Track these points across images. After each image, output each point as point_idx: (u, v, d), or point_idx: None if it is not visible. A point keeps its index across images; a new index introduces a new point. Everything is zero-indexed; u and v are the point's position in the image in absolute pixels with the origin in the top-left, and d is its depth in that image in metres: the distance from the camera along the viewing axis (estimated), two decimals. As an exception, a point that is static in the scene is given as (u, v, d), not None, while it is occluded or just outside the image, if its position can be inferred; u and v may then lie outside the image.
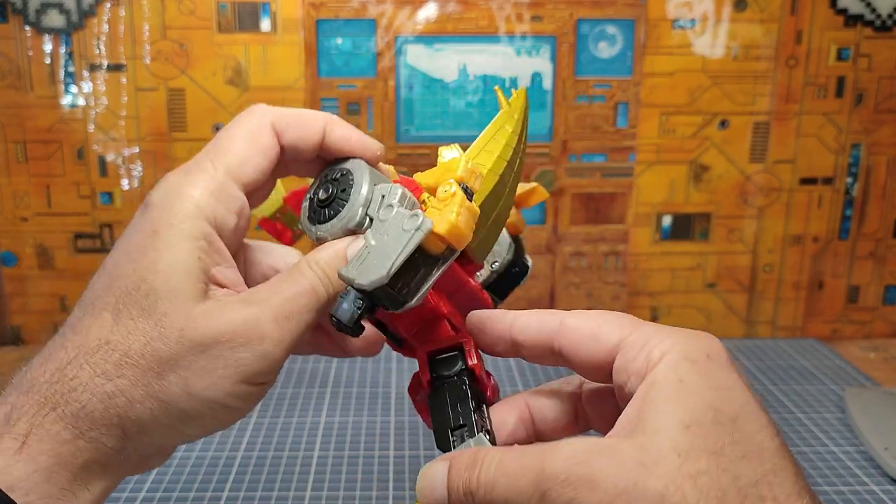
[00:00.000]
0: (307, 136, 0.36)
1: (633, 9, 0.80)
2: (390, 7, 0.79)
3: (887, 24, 0.81)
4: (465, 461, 0.30)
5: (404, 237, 0.31)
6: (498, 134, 0.37)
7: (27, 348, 0.85)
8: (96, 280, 0.33)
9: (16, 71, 0.79)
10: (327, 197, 0.35)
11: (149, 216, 0.33)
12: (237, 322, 0.31)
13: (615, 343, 0.31)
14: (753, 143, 0.84)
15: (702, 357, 0.30)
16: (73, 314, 0.33)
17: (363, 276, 0.31)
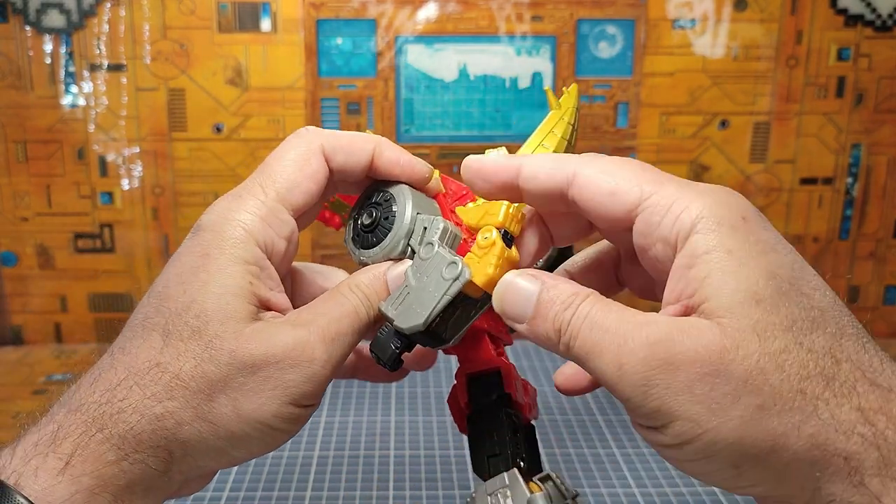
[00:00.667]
0: (356, 160, 0.36)
1: (633, 9, 0.80)
2: (390, 7, 0.79)
3: (887, 24, 0.81)
4: (563, 298, 0.30)
5: (443, 286, 0.32)
6: (547, 139, 0.38)
7: (27, 348, 0.85)
8: (146, 302, 0.33)
9: (16, 71, 0.79)
10: (371, 222, 0.36)
11: (199, 239, 0.33)
12: (287, 344, 0.32)
13: (634, 202, 0.30)
14: (754, 143, 0.84)
15: (738, 220, 0.29)
16: (123, 335, 0.33)
17: (402, 320, 0.33)
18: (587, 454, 0.62)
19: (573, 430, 0.66)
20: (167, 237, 0.83)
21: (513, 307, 0.32)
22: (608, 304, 0.30)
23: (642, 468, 0.60)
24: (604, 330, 0.28)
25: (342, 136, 0.36)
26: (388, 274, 0.35)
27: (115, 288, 0.85)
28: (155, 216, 0.83)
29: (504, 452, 0.36)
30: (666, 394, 0.27)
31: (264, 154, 0.81)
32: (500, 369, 0.37)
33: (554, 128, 0.38)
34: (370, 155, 0.36)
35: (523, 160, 0.33)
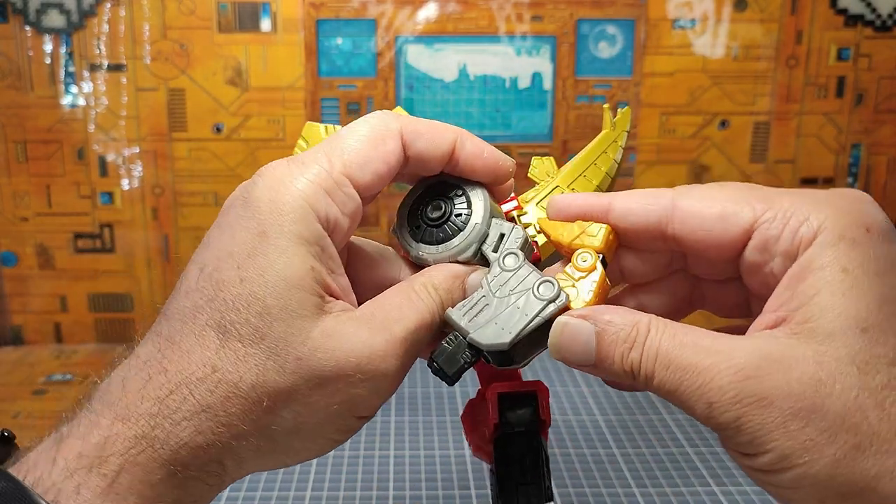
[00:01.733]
0: (437, 149, 0.32)
1: (633, 9, 0.80)
2: (390, 7, 0.79)
3: (887, 24, 0.81)
4: (624, 336, 0.28)
5: (535, 306, 0.30)
6: (600, 160, 0.37)
7: (27, 348, 0.85)
8: (194, 281, 0.29)
9: (16, 71, 0.79)
10: (440, 216, 0.33)
11: (253, 212, 0.29)
12: (361, 354, 0.28)
13: (748, 222, 0.28)
14: (754, 143, 0.84)
15: (861, 234, 0.26)
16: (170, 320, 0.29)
17: (482, 335, 0.30)
18: (587, 454, 0.62)
19: (573, 430, 0.66)
20: (167, 237, 0.83)
21: (573, 354, 0.29)
22: (675, 332, 0.28)
23: (642, 468, 0.60)
24: (682, 369, 0.27)
25: (422, 121, 0.32)
26: (469, 281, 0.33)
27: (115, 288, 0.85)
28: (155, 216, 0.83)
29: (537, 482, 0.35)
30: (759, 429, 0.25)
31: (264, 154, 0.82)
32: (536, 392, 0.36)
33: (599, 159, 0.37)
34: (452, 145, 0.32)
35: (614, 198, 0.31)
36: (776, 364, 0.25)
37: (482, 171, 0.33)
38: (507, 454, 0.36)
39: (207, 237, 0.30)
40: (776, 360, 0.25)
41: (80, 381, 0.76)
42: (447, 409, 0.69)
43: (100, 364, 0.88)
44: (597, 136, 0.38)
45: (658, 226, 0.30)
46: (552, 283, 0.31)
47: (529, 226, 0.35)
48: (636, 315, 0.29)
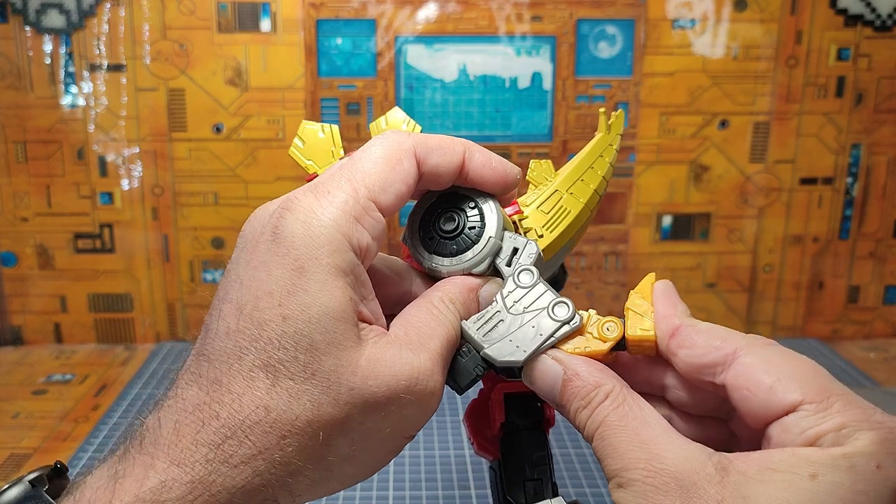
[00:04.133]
0: (449, 163, 0.32)
1: (633, 9, 0.80)
2: (390, 7, 0.79)
3: (887, 24, 0.81)
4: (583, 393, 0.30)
5: (549, 326, 0.32)
6: (596, 164, 0.37)
7: (27, 348, 0.85)
8: (232, 320, 0.29)
9: (16, 71, 0.79)
10: (453, 229, 0.34)
11: (288, 247, 0.29)
12: (408, 376, 0.29)
13: (792, 403, 0.28)
14: (753, 143, 0.84)
15: (870, 468, 0.26)
16: (212, 361, 0.29)
17: (496, 352, 0.31)
18: (587, 454, 0.62)
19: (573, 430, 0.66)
20: (167, 237, 0.83)
21: (539, 389, 0.31)
22: (627, 410, 0.29)
23: (642, 468, 0.60)
24: (611, 448, 0.28)
25: (432, 137, 0.33)
26: (482, 293, 0.33)
27: (114, 288, 0.85)
28: (155, 216, 0.83)
29: (545, 478, 0.36)
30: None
31: (264, 154, 0.82)
32: None
33: (596, 163, 0.38)
34: (462, 158, 0.33)
35: (683, 324, 0.31)
36: (681, 488, 0.26)
37: (491, 181, 0.33)
38: (514, 452, 0.36)
39: (237, 275, 0.30)
40: (683, 485, 0.26)
41: (80, 381, 0.76)
42: (447, 409, 0.69)
43: (99, 364, 0.88)
44: (593, 139, 0.39)
45: (712, 368, 0.30)
46: (567, 305, 0.32)
47: (531, 230, 0.36)
48: (603, 378, 0.30)
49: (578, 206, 0.37)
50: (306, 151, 0.36)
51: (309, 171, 0.35)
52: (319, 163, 0.35)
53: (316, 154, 0.36)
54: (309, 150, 0.36)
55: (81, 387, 0.75)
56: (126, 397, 0.72)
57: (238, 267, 0.30)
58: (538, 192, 0.37)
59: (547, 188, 0.37)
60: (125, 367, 0.79)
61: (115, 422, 0.68)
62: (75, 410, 0.70)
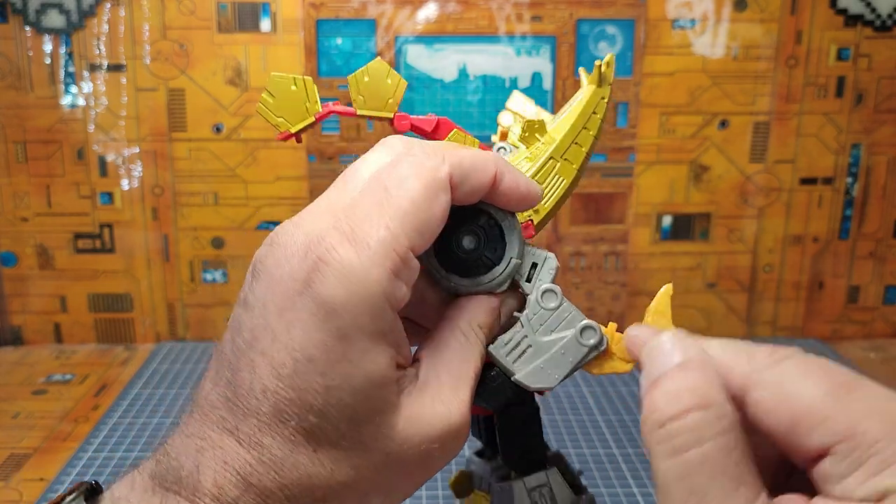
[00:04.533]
0: (480, 187, 0.31)
1: (633, 9, 0.80)
2: (390, 7, 0.79)
3: (887, 24, 0.81)
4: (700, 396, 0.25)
5: (579, 352, 0.32)
6: (590, 123, 0.36)
7: (27, 348, 0.85)
8: (271, 381, 0.28)
9: (16, 71, 0.79)
10: (473, 249, 0.33)
11: (329, 311, 0.27)
12: (442, 431, 0.29)
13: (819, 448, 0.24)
14: (753, 143, 0.84)
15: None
16: (251, 418, 0.28)
17: (528, 378, 0.32)
18: (587, 454, 0.62)
19: (573, 430, 0.66)
20: (167, 237, 0.83)
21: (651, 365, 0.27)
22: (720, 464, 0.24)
23: (642, 468, 0.60)
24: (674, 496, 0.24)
25: (469, 159, 0.30)
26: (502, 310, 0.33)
27: (114, 288, 0.85)
28: (155, 216, 0.83)
29: (539, 450, 0.37)
30: None
31: (264, 154, 0.82)
32: None
33: (589, 122, 0.35)
34: (493, 179, 0.31)
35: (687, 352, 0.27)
36: None
37: (515, 201, 0.32)
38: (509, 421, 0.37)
39: (266, 322, 0.28)
40: None
41: (80, 381, 0.76)
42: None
43: (99, 364, 0.88)
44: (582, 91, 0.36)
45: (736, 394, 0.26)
46: (595, 330, 0.32)
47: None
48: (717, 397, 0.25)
49: (572, 172, 0.35)
50: (277, 107, 0.32)
51: (280, 128, 0.32)
52: (292, 119, 0.33)
53: (288, 110, 0.33)
54: (280, 105, 0.32)
55: (81, 387, 0.75)
56: (126, 397, 0.72)
57: (266, 312, 0.28)
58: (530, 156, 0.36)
59: (539, 153, 0.36)
60: (125, 367, 0.79)
61: (114, 422, 0.68)
62: (75, 410, 0.70)
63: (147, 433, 0.66)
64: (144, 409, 0.70)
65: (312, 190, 0.83)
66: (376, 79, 0.33)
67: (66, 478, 0.59)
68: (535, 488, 0.36)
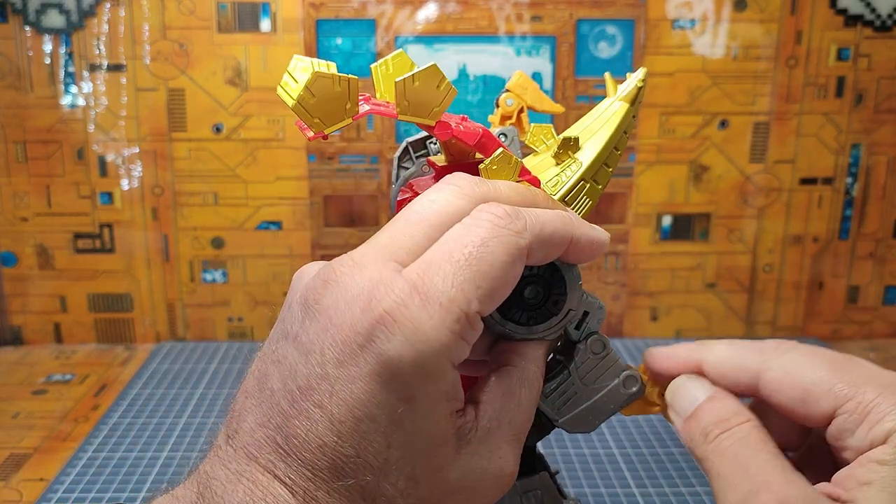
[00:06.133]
0: (555, 254, 0.31)
1: (633, 9, 0.80)
2: (390, 7, 0.79)
3: (887, 24, 0.81)
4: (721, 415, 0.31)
5: (620, 399, 0.34)
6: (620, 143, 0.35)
7: (27, 348, 0.85)
8: (325, 430, 0.27)
9: (16, 71, 0.79)
10: (533, 298, 0.32)
11: (395, 372, 0.26)
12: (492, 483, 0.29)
13: (828, 412, 0.29)
14: (753, 143, 0.84)
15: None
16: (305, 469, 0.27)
17: (572, 424, 0.34)
18: (587, 454, 0.62)
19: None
20: (167, 237, 0.83)
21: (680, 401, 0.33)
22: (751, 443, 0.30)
23: (642, 468, 0.60)
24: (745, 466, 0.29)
25: (547, 225, 0.29)
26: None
27: (114, 288, 0.85)
28: (155, 216, 0.83)
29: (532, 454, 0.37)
30: None
31: (264, 154, 0.82)
32: None
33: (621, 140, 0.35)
34: (567, 245, 0.30)
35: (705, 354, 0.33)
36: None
37: (586, 258, 0.32)
38: None
39: (324, 371, 0.27)
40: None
41: (80, 381, 0.76)
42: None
43: (99, 364, 0.88)
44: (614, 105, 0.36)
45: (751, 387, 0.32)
46: (636, 379, 0.34)
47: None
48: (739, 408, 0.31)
49: (597, 194, 0.35)
50: (316, 106, 0.30)
51: (314, 128, 0.30)
52: (328, 120, 0.30)
53: (326, 110, 0.30)
54: (319, 105, 0.30)
55: (81, 387, 0.75)
56: (126, 397, 0.72)
57: (324, 361, 0.27)
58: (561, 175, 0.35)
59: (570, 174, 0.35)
60: (125, 367, 0.79)
61: (114, 422, 0.68)
62: (75, 410, 0.70)
63: (147, 433, 0.66)
64: (144, 409, 0.70)
65: (312, 190, 0.83)
66: (427, 85, 0.31)
67: (65, 478, 0.59)
68: (527, 492, 0.37)
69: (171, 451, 0.63)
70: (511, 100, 0.42)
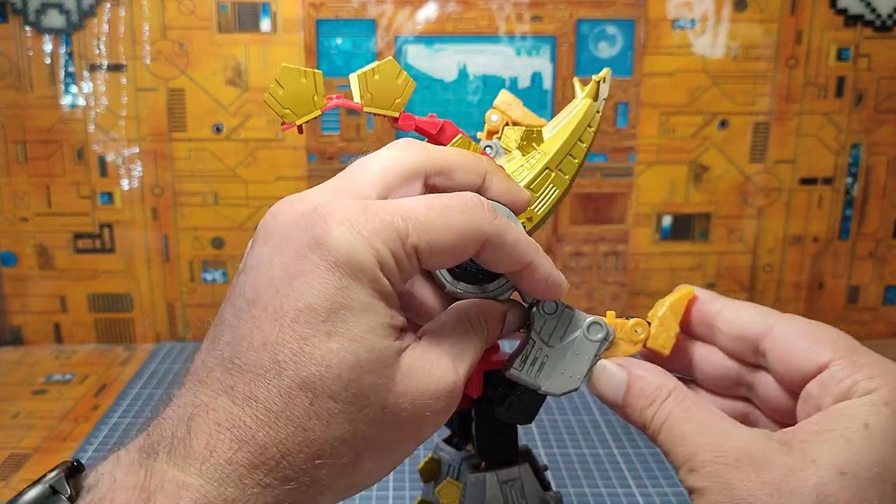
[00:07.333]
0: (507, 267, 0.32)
1: (633, 9, 0.80)
2: (390, 7, 0.79)
3: (887, 24, 0.81)
4: (647, 392, 0.32)
5: (591, 348, 0.34)
6: (584, 136, 0.37)
7: (27, 348, 0.85)
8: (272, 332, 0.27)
9: (16, 71, 0.79)
10: None
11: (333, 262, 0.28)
12: (435, 391, 0.30)
13: (825, 361, 0.32)
14: (753, 143, 0.84)
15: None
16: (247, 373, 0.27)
17: (553, 387, 0.34)
18: (587, 454, 0.62)
19: (573, 430, 0.66)
20: (167, 237, 0.83)
21: (604, 394, 0.34)
22: (689, 404, 0.32)
23: (642, 468, 0.60)
24: (680, 437, 0.31)
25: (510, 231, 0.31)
26: (507, 321, 0.34)
27: (114, 288, 0.85)
28: (155, 216, 0.83)
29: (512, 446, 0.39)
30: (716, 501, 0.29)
31: (264, 154, 0.82)
32: None
33: (584, 135, 0.37)
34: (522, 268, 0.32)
35: (723, 306, 0.35)
36: (752, 462, 0.29)
37: (539, 294, 0.33)
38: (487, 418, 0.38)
39: (270, 278, 0.28)
40: (754, 459, 0.29)
41: (80, 381, 0.76)
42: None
43: (99, 364, 0.88)
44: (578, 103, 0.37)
45: (755, 339, 0.34)
46: (600, 325, 0.34)
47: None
48: (664, 378, 0.33)
49: (564, 183, 0.36)
50: (285, 97, 0.32)
51: (286, 119, 0.33)
52: (298, 111, 0.33)
53: (296, 102, 0.33)
54: (288, 96, 0.33)
55: (81, 387, 0.75)
56: (126, 397, 0.72)
57: (271, 269, 0.28)
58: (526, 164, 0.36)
59: (535, 162, 0.36)
60: (125, 366, 0.79)
61: (114, 421, 0.68)
62: (75, 410, 0.70)
63: (147, 433, 0.66)
64: (144, 408, 0.70)
65: (312, 190, 0.83)
66: (387, 78, 0.34)
67: (66, 478, 0.59)
68: (507, 482, 0.38)
69: (171, 451, 0.63)
70: (496, 115, 0.43)
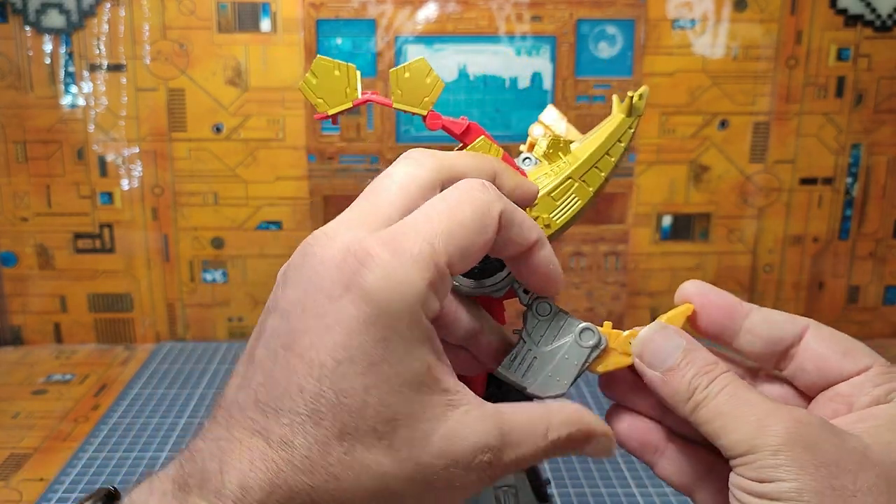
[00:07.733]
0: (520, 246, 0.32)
1: (633, 9, 0.80)
2: (390, 7, 0.79)
3: (887, 24, 0.81)
4: (702, 363, 0.32)
5: (581, 354, 0.34)
6: (613, 150, 0.37)
7: (27, 348, 0.85)
8: (306, 378, 0.27)
9: (16, 71, 0.79)
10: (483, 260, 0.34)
11: (370, 313, 0.27)
12: (473, 450, 0.29)
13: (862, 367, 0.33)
14: (753, 143, 0.84)
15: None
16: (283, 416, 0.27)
17: (540, 389, 0.34)
18: (587, 454, 0.62)
19: (573, 430, 0.66)
20: (167, 237, 0.83)
21: (655, 355, 0.33)
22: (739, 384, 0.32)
23: (642, 468, 0.60)
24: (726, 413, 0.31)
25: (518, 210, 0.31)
26: None
27: (114, 288, 0.85)
28: (155, 216, 0.83)
29: None
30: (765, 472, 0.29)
31: (264, 154, 0.82)
32: None
33: (612, 149, 0.37)
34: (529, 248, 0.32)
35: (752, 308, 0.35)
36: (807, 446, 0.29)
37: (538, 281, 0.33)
38: None
39: (305, 326, 0.28)
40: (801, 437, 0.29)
41: (80, 381, 0.76)
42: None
43: (99, 364, 0.88)
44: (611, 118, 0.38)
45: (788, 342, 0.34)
46: (592, 331, 0.34)
47: (538, 217, 0.36)
48: (715, 357, 0.33)
49: (587, 195, 0.36)
50: (318, 88, 0.34)
51: (318, 109, 0.34)
52: (330, 102, 0.35)
53: (328, 93, 0.35)
54: (322, 86, 0.34)
55: (81, 387, 0.75)
56: (126, 397, 0.72)
57: (305, 317, 0.28)
58: (551, 172, 0.37)
59: (559, 171, 0.37)
60: (125, 366, 0.79)
61: (114, 421, 0.68)
62: (75, 410, 0.70)
63: (147, 433, 0.66)
64: (144, 409, 0.70)
65: (312, 190, 0.83)
66: (416, 76, 0.34)
67: (65, 478, 0.59)
68: (502, 487, 0.38)
69: (171, 451, 0.63)
70: (539, 128, 0.44)
